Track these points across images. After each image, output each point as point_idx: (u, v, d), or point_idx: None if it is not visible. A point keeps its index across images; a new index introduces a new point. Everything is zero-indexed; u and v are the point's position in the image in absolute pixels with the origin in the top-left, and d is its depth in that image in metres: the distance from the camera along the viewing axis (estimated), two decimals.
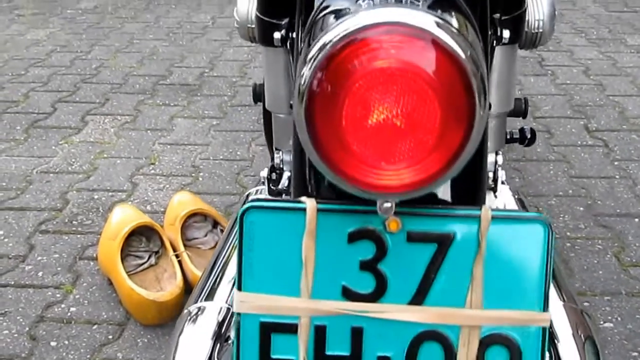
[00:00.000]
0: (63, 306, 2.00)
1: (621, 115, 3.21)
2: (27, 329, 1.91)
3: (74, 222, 2.40)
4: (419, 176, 0.78)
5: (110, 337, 1.88)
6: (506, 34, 1.19)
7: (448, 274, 0.86)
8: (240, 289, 0.88)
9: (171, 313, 1.86)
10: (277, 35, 1.26)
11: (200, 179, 2.68)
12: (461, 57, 0.74)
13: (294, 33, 1.20)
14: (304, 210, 0.86)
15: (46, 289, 2.07)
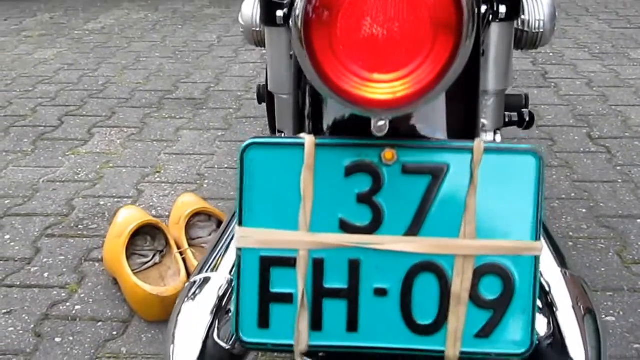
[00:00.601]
0: (68, 304, 2.01)
1: (624, 123, 3.22)
2: (32, 326, 1.92)
3: (80, 227, 2.42)
4: (411, 89, 0.80)
5: (114, 333, 1.89)
6: (502, 9, 1.21)
7: (442, 205, 0.88)
8: (240, 225, 0.91)
9: None
10: (280, 13, 1.28)
11: (205, 186, 2.70)
12: None
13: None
14: (303, 145, 0.89)
15: (51, 289, 2.08)
